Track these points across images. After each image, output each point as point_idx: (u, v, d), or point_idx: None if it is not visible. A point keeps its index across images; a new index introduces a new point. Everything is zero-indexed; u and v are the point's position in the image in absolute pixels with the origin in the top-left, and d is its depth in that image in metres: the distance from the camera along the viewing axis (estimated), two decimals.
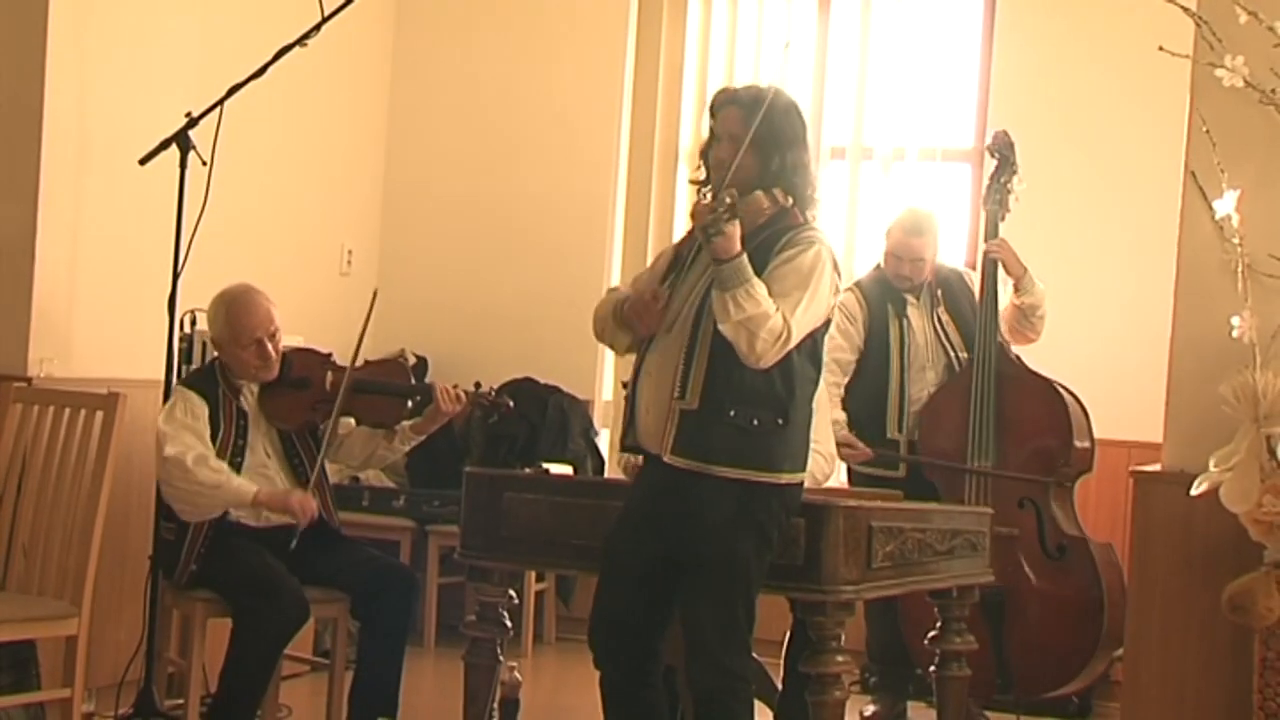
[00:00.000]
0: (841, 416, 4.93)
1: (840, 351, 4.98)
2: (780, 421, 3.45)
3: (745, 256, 3.37)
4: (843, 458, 4.83)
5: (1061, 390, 5.00)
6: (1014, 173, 5.11)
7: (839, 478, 4.86)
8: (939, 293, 5.11)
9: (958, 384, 5.01)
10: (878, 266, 5.17)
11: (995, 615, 4.79)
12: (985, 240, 5.11)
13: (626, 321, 3.58)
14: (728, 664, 3.44)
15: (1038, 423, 4.96)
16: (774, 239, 3.47)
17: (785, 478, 3.48)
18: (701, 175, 3.61)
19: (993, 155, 5.15)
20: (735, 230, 3.35)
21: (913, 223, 5.11)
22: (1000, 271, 5.05)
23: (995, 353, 4.97)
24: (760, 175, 3.48)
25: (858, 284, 5.17)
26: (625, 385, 3.70)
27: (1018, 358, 5.08)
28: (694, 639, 3.47)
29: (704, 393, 3.42)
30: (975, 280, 5.21)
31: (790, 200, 3.53)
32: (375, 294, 4.29)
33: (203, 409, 4.18)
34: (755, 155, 3.46)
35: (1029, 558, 4.89)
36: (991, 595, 4.76)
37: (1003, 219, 5.10)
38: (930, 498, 4.85)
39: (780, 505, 3.47)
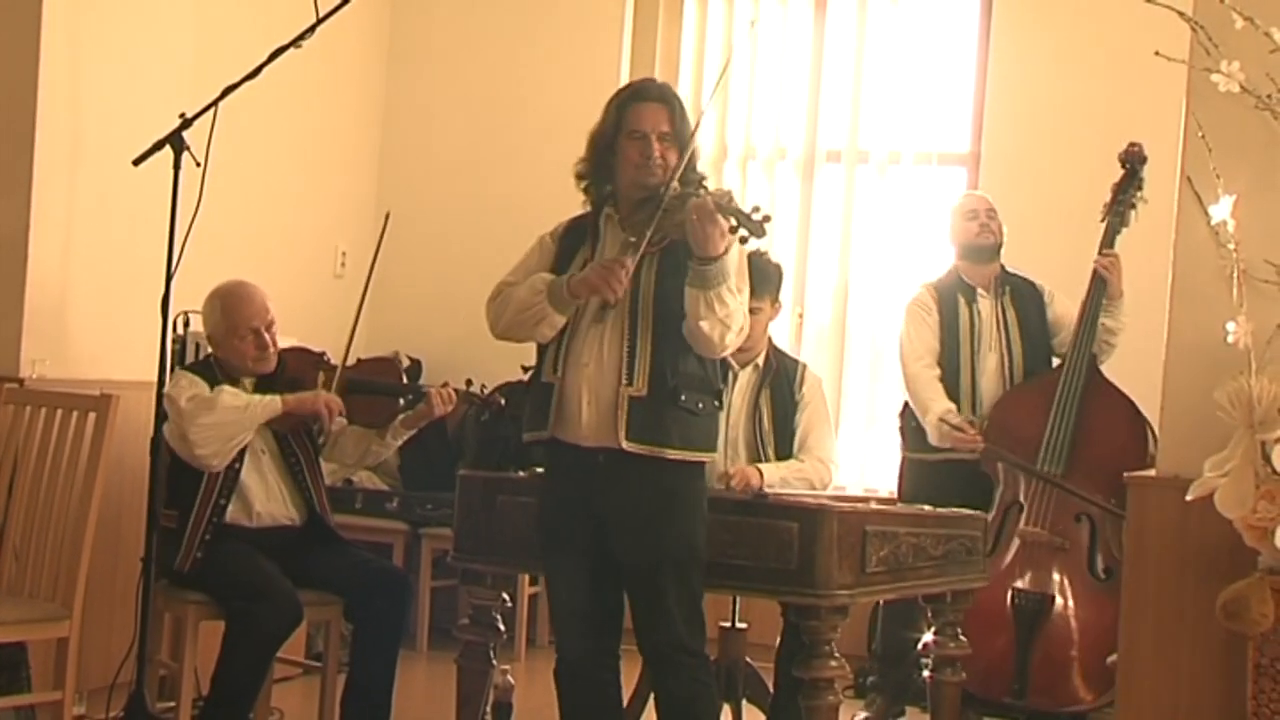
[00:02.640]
0: (952, 405, 4.99)
1: (929, 342, 5.08)
2: (716, 404, 3.64)
3: (727, 255, 3.46)
4: (954, 443, 4.90)
5: (1144, 414, 4.96)
6: (1139, 187, 5.07)
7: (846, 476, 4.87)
8: (1007, 288, 5.17)
9: (1037, 386, 4.99)
10: (951, 269, 5.24)
11: (1029, 621, 4.78)
12: (1100, 250, 5.07)
13: (573, 299, 3.55)
14: (695, 645, 3.54)
15: (1115, 441, 4.89)
16: None
17: (711, 456, 3.66)
18: (588, 168, 3.72)
19: (1124, 165, 5.11)
20: None
21: (966, 192, 5.42)
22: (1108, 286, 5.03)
23: (1088, 363, 4.94)
24: (687, 173, 3.57)
25: (929, 282, 5.24)
26: (527, 370, 3.70)
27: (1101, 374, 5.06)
28: (661, 627, 3.52)
29: (652, 379, 3.51)
30: (1046, 292, 5.22)
31: None
32: (388, 216, 4.31)
33: (205, 386, 4.17)
34: (679, 154, 3.57)
35: (1074, 574, 4.84)
36: (1031, 601, 4.75)
37: (1119, 231, 5.09)
38: (985, 493, 4.84)
39: (704, 481, 3.63)
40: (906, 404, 5.17)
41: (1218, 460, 3.85)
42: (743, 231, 3.40)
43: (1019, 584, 4.84)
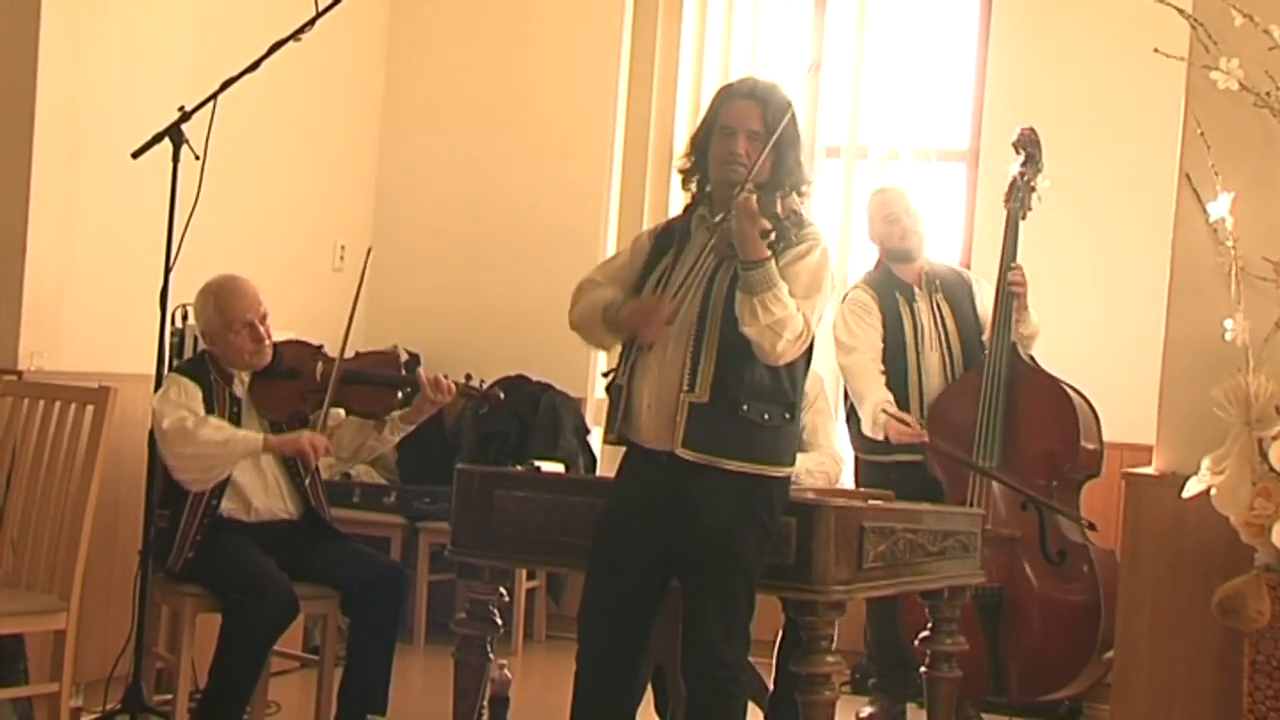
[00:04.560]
0: (889, 396, 4.93)
1: (871, 340, 5.03)
2: (787, 416, 3.51)
3: (772, 260, 3.38)
4: (895, 435, 4.82)
5: (1072, 394, 4.94)
6: (1039, 170, 5.05)
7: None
8: (938, 283, 5.13)
9: (966, 382, 4.99)
10: (878, 264, 5.19)
11: (992, 616, 4.78)
12: (1005, 237, 5.01)
13: (620, 327, 3.55)
14: (730, 657, 3.47)
15: (1044, 426, 4.90)
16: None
17: (785, 471, 3.53)
18: (689, 165, 3.62)
19: (1018, 151, 5.07)
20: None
21: (884, 187, 5.27)
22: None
23: (1007, 353, 4.93)
24: (775, 174, 3.48)
25: (865, 282, 5.18)
26: (607, 375, 3.68)
27: (1031, 358, 5.06)
28: (697, 633, 3.47)
29: (714, 386, 3.43)
30: (974, 280, 5.21)
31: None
32: (369, 251, 4.31)
33: (197, 392, 4.17)
34: (772, 154, 3.47)
35: (1029, 561, 4.84)
36: (989, 596, 4.75)
37: (1024, 218, 5.04)
38: (936, 495, 4.85)
39: (778, 498, 3.51)
40: (854, 405, 5.11)
41: (1215, 457, 3.86)
42: (774, 233, 3.32)
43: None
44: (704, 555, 3.44)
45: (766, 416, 3.45)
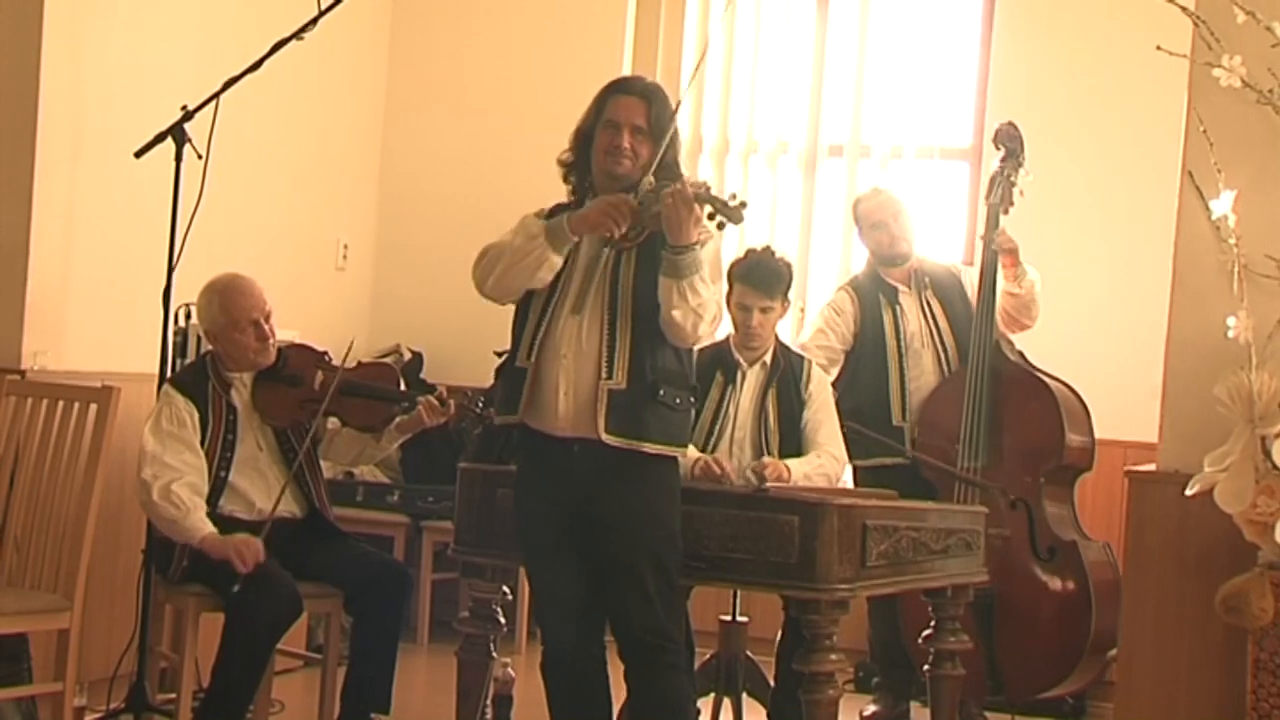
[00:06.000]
0: None
1: (826, 339, 5.03)
2: (692, 399, 3.67)
3: (699, 246, 3.47)
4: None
5: (1056, 389, 4.94)
6: (1019, 165, 5.04)
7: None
8: (927, 280, 5.12)
9: (954, 382, 4.99)
10: (868, 263, 5.19)
11: (985, 616, 4.78)
12: (985, 234, 5.02)
13: (582, 229, 3.53)
14: (675, 632, 3.57)
15: (1029, 423, 4.90)
16: None
17: (685, 451, 3.72)
18: (570, 159, 3.72)
19: (997, 147, 5.07)
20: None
21: (871, 192, 5.26)
22: (999, 270, 5.01)
23: (989, 351, 4.93)
24: (665, 170, 3.57)
25: (850, 283, 5.19)
26: (501, 355, 3.69)
27: (1021, 355, 5.06)
28: (640, 612, 3.52)
29: (631, 372, 3.52)
30: (967, 276, 5.20)
31: None
32: (351, 344, 4.29)
33: (190, 412, 4.15)
34: (654, 147, 3.57)
35: (1019, 559, 4.83)
36: (982, 596, 4.74)
37: (1005, 212, 5.03)
38: (928, 497, 4.84)
39: (679, 474, 3.66)
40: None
41: (1218, 455, 3.85)
42: (720, 218, 3.42)
43: None
44: (638, 536, 3.51)
45: (678, 401, 3.59)
